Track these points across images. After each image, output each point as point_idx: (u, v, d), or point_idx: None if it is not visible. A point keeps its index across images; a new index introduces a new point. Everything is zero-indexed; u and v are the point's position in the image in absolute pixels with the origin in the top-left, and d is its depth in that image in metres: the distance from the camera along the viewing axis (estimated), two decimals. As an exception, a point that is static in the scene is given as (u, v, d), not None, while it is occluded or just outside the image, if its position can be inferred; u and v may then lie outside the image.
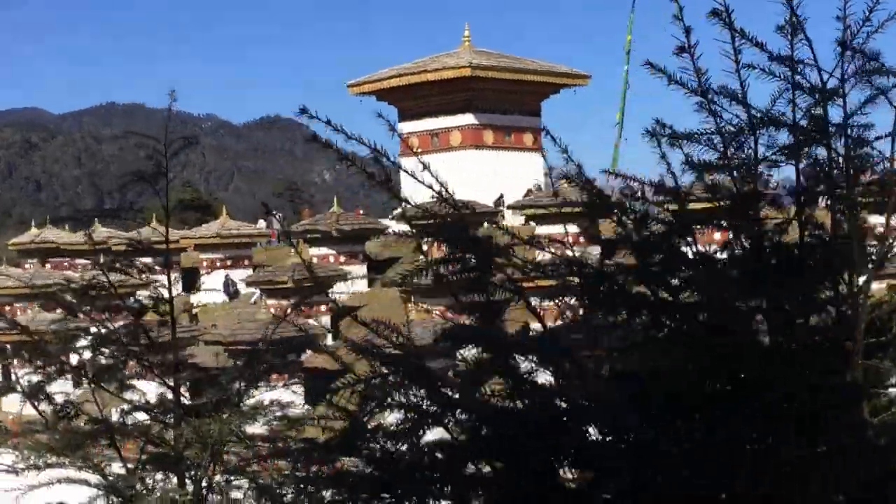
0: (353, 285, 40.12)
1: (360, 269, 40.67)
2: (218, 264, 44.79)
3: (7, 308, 47.16)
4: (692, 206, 5.22)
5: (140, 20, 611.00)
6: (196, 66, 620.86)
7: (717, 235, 5.31)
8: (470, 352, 5.26)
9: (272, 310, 35.43)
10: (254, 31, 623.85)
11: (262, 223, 52.42)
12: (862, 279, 5.11)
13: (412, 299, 31.68)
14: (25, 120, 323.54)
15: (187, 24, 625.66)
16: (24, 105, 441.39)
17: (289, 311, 35.73)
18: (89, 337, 36.74)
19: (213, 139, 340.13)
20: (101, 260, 39.03)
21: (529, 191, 45.17)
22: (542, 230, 34.42)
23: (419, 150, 26.44)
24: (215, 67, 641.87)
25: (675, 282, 4.85)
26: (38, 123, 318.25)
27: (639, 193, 5.65)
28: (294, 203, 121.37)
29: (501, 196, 43.74)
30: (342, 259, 40.33)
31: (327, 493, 4.99)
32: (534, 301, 5.36)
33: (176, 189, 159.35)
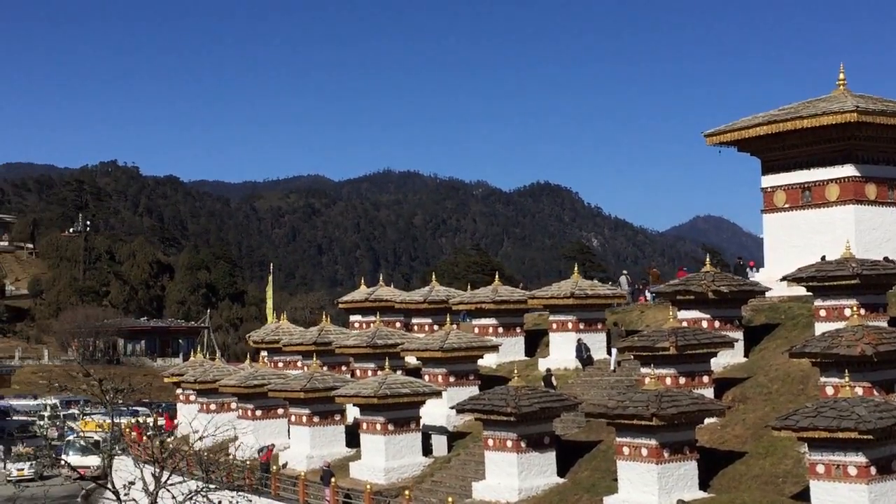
0: (730, 355, 35.80)
1: (737, 335, 36.15)
2: (570, 326, 41.37)
3: (344, 368, 45.63)
4: None
5: (416, 93, 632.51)
6: (469, 133, 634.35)
7: None
8: None
9: (648, 379, 31.63)
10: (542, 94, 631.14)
11: (624, 282, 49.01)
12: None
13: (846, 374, 26.90)
14: (308, 186, 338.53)
15: (463, 93, 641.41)
16: (307, 172, 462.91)
17: (670, 380, 31.45)
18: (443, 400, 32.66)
19: (484, 205, 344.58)
20: (449, 319, 35.33)
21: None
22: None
23: (787, 206, 21.01)
24: (489, 133, 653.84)
25: None
26: (319, 190, 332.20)
27: None
28: (584, 266, 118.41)
29: None
30: (717, 324, 35.96)
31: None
32: None
33: (464, 251, 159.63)
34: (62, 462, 31.24)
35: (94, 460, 50.75)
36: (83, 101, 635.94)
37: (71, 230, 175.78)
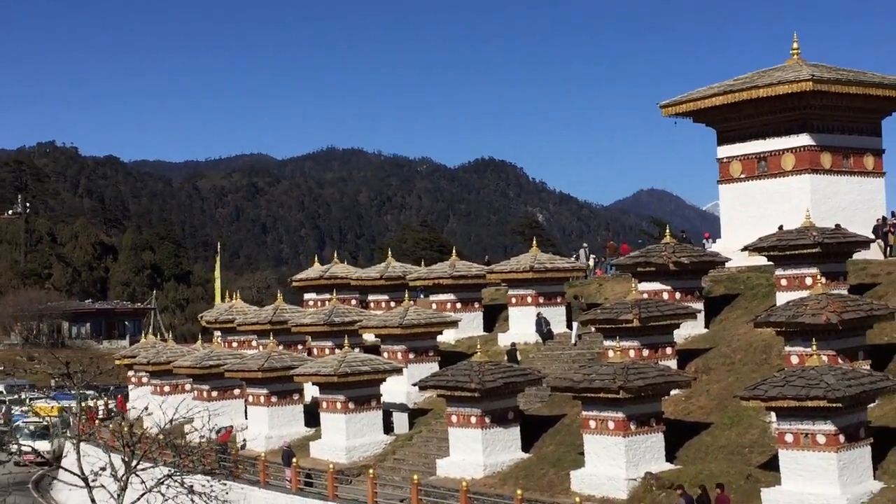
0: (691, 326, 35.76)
1: (698, 306, 36.11)
2: (529, 300, 41.09)
3: (300, 346, 44.99)
4: None
5: (359, 70, 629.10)
6: (413, 109, 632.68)
7: None
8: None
9: (612, 352, 31.48)
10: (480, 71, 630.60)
11: (582, 256, 48.87)
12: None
13: (812, 342, 26.87)
14: (251, 165, 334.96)
15: (405, 69, 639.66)
16: (250, 151, 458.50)
17: (633, 353, 31.30)
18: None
19: (429, 182, 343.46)
20: (407, 296, 34.87)
21: (884, 219, 39.86)
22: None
23: (743, 176, 20.95)
24: (432, 109, 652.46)
25: None
26: (262, 168, 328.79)
27: None
28: (533, 239, 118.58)
29: None
30: (678, 296, 35.89)
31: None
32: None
33: (411, 228, 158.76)
34: (30, 448, 30.33)
35: (43, 445, 49.69)
36: (17, 81, 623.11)
37: (10, 212, 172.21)
